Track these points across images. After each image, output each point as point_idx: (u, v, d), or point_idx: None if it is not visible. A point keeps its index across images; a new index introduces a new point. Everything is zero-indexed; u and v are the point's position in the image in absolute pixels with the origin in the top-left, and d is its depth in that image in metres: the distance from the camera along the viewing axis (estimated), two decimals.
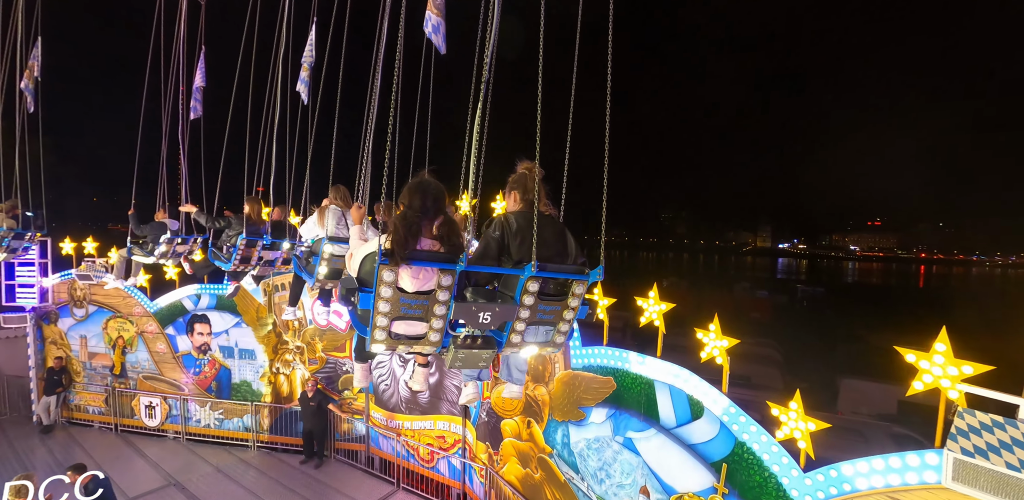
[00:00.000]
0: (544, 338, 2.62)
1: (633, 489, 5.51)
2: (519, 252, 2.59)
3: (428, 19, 6.54)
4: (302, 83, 7.82)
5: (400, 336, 2.38)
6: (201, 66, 8.58)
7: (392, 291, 2.23)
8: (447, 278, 2.27)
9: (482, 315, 2.35)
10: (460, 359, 2.43)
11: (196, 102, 8.67)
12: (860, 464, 3.72)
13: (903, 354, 3.42)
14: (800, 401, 4.04)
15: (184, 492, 9.04)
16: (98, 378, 11.40)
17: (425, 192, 2.54)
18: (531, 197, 2.80)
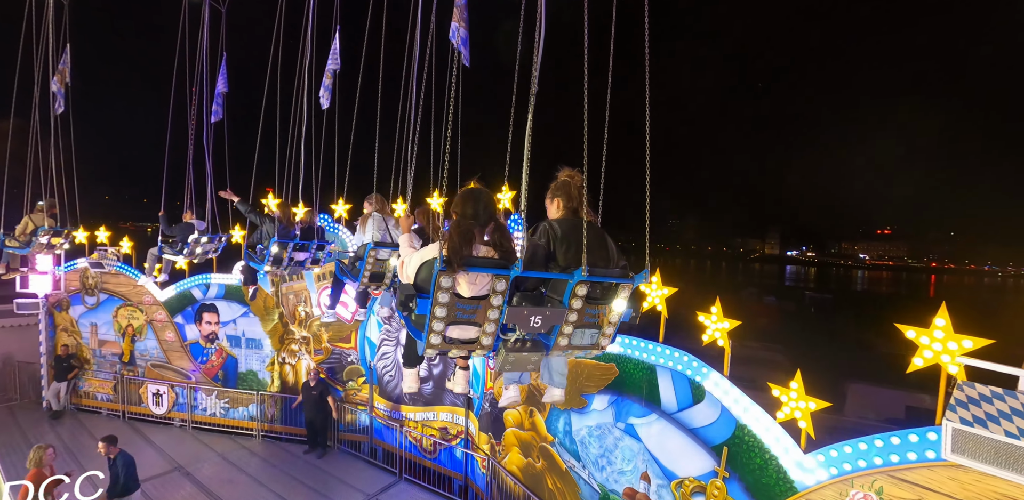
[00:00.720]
0: (590, 341, 2.68)
1: (634, 475, 5.52)
2: (565, 258, 2.66)
3: (455, 30, 6.68)
4: (324, 89, 8.10)
5: (454, 340, 2.45)
6: (223, 72, 8.87)
7: (449, 296, 2.30)
8: (501, 283, 2.34)
9: (533, 319, 2.42)
10: (510, 362, 2.51)
11: (218, 106, 8.98)
12: (860, 444, 3.72)
13: (903, 330, 3.43)
14: (800, 381, 4.06)
15: (189, 478, 9.13)
16: (107, 365, 11.54)
17: (476, 200, 2.65)
18: (574, 204, 2.89)
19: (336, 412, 9.82)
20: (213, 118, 8.98)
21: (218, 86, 8.96)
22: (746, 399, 4.45)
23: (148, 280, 9.57)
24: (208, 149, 8.71)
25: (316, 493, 8.74)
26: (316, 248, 6.79)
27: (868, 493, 3.68)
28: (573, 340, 2.59)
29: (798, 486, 4.07)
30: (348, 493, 8.76)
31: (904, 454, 3.50)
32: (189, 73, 8.75)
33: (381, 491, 8.88)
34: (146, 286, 10.95)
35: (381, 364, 9.82)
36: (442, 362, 9.02)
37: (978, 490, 3.22)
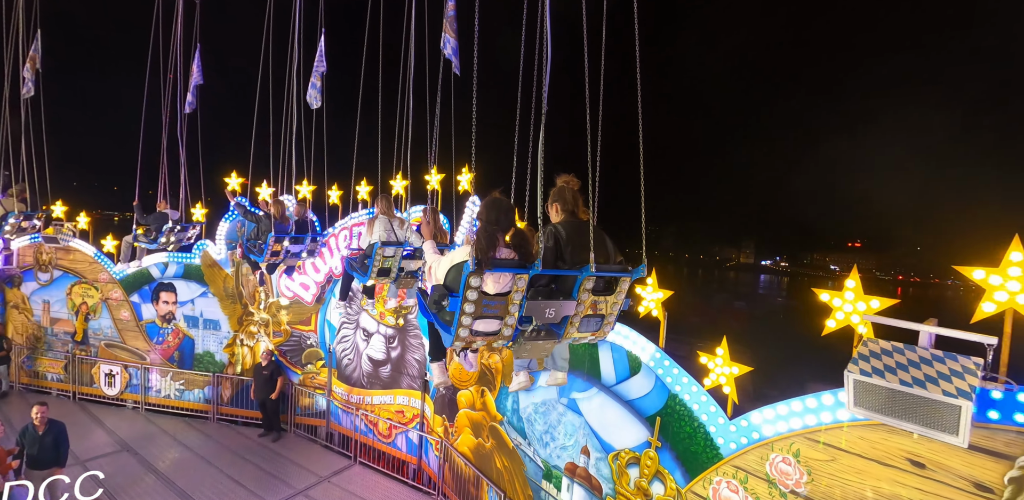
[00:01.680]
0: (594, 328, 2.99)
1: (575, 450, 5.58)
2: (571, 256, 2.93)
3: (447, 41, 6.83)
4: (313, 89, 8.26)
5: (480, 333, 2.73)
6: (197, 63, 8.87)
7: (477, 294, 2.58)
8: (522, 281, 2.64)
9: (548, 311, 2.75)
10: (527, 349, 2.85)
11: (192, 97, 9.04)
12: (780, 407, 3.82)
13: (818, 294, 3.55)
14: (726, 347, 4.15)
15: (136, 457, 8.97)
16: (59, 344, 11.26)
17: (499, 209, 3.00)
18: (570, 207, 3.19)
19: (277, 392, 9.62)
20: (187, 109, 9.06)
21: (193, 78, 8.98)
22: (678, 368, 4.53)
23: (122, 266, 9.64)
24: (182, 139, 8.84)
25: (267, 474, 8.65)
26: (310, 240, 7.37)
27: (786, 456, 3.78)
28: (580, 328, 2.90)
29: (723, 452, 4.16)
30: (301, 475, 8.68)
31: (819, 416, 3.61)
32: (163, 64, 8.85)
33: (334, 474, 8.81)
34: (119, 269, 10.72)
35: (340, 347, 9.76)
36: (400, 344, 9.01)
37: (885, 448, 3.33)
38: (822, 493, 3.58)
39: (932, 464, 3.11)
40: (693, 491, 4.37)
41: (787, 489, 3.76)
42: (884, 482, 3.29)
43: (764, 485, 3.90)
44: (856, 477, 3.42)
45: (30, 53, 9.56)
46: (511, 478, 6.56)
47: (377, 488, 8.46)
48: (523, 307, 2.70)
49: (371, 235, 5.90)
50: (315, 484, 8.45)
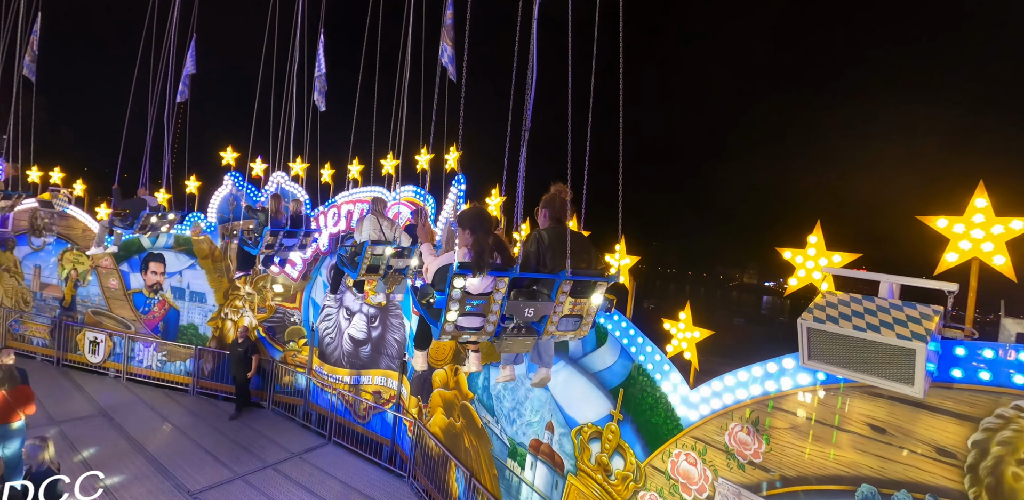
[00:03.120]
0: (574, 327, 3.16)
1: (540, 426, 5.41)
2: (553, 261, 3.05)
3: (444, 50, 6.86)
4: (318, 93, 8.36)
5: (464, 328, 2.92)
6: (191, 53, 8.95)
7: (461, 294, 2.76)
8: (503, 283, 2.81)
9: (528, 310, 2.92)
10: (509, 344, 2.99)
11: (184, 86, 9.08)
12: (740, 373, 3.65)
13: (781, 253, 3.39)
14: (689, 312, 3.99)
15: (111, 422, 8.89)
16: (47, 310, 11.27)
17: (484, 218, 3.19)
18: (559, 215, 3.33)
19: (254, 370, 9.53)
20: (179, 98, 9.09)
21: (186, 67, 9.05)
22: (643, 337, 4.36)
23: (96, 250, 9.36)
24: (169, 128, 8.75)
25: (240, 447, 8.53)
26: (303, 234, 7.57)
27: (746, 425, 3.60)
28: (560, 327, 3.07)
29: (683, 423, 3.98)
30: (273, 450, 8.55)
31: (779, 381, 3.43)
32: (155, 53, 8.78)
33: (306, 451, 8.68)
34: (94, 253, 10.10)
35: (323, 326, 9.65)
36: (381, 324, 8.89)
37: (845, 413, 3.14)
38: (780, 462, 3.39)
39: (893, 429, 2.92)
40: (652, 465, 4.19)
41: (745, 460, 3.57)
42: (844, 449, 3.10)
43: (722, 456, 3.71)
44: (815, 444, 3.23)
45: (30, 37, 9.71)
46: (478, 457, 6.38)
47: (347, 467, 8.31)
48: (504, 306, 2.87)
49: (361, 234, 6.15)
50: (286, 459, 8.31)
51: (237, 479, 7.57)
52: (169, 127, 8.71)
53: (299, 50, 7.90)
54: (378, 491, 7.67)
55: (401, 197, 8.18)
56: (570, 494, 4.97)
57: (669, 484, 4.04)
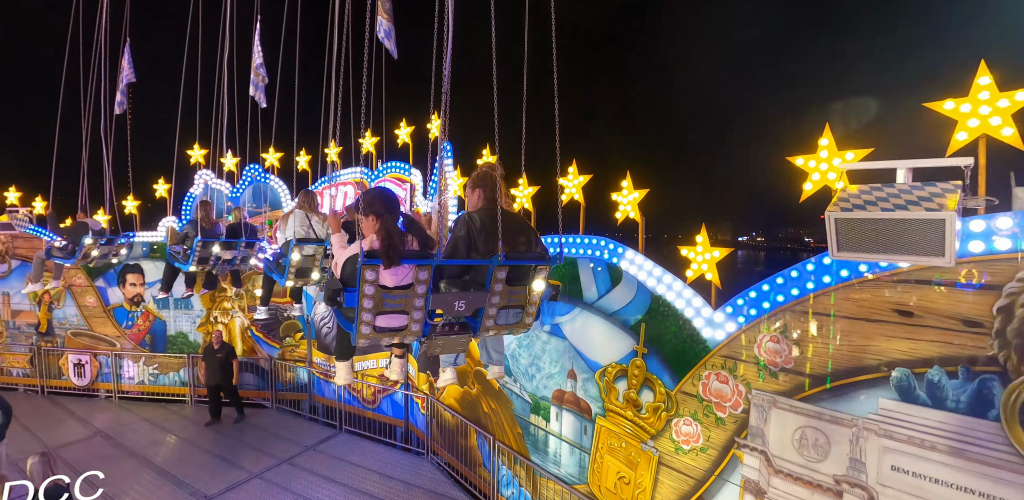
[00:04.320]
0: (515, 320, 2.86)
1: (561, 376, 5.45)
2: (486, 246, 2.78)
3: (380, 24, 6.61)
4: (254, 87, 7.86)
5: (384, 329, 2.53)
6: (127, 60, 8.27)
7: (375, 288, 2.40)
8: (424, 272, 2.46)
9: (457, 303, 2.58)
10: (440, 345, 2.67)
11: (122, 96, 8.37)
12: (763, 285, 3.73)
13: (793, 162, 3.46)
14: (705, 234, 4.06)
15: (110, 441, 8.61)
16: (22, 338, 10.79)
17: (388, 198, 2.88)
18: (494, 195, 2.98)
19: (237, 377, 9.16)
20: (118, 109, 8.32)
21: (123, 75, 8.30)
22: (659, 269, 4.41)
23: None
24: (107, 142, 7.89)
25: (251, 448, 8.38)
26: (245, 246, 6.62)
27: (774, 334, 3.69)
28: (499, 320, 2.75)
29: (711, 344, 4.06)
30: (285, 446, 8.43)
31: (803, 285, 3.52)
32: (84, 61, 7.96)
33: (319, 443, 8.58)
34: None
35: (318, 316, 9.51)
36: None
37: (871, 305, 3.25)
38: (812, 363, 3.49)
39: (919, 310, 3.04)
40: (682, 391, 4.27)
41: (777, 368, 3.67)
42: (874, 339, 3.21)
43: (754, 369, 3.80)
44: (845, 339, 3.34)
45: None
46: (498, 420, 6.41)
47: (363, 452, 8.26)
48: (428, 301, 2.51)
49: (285, 231, 5.33)
50: (300, 453, 8.21)
51: (254, 478, 7.45)
52: (108, 141, 7.86)
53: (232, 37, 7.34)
54: (397, 470, 7.66)
55: (386, 174, 8.06)
56: (600, 436, 5.04)
57: (702, 406, 4.13)
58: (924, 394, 3.01)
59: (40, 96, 10.29)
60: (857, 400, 3.29)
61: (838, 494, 3.39)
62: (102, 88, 7.96)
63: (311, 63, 7.51)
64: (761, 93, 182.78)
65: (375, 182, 8.37)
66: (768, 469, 3.75)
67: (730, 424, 3.96)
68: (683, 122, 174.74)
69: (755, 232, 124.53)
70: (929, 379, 2.98)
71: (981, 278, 2.82)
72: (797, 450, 3.58)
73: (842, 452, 3.36)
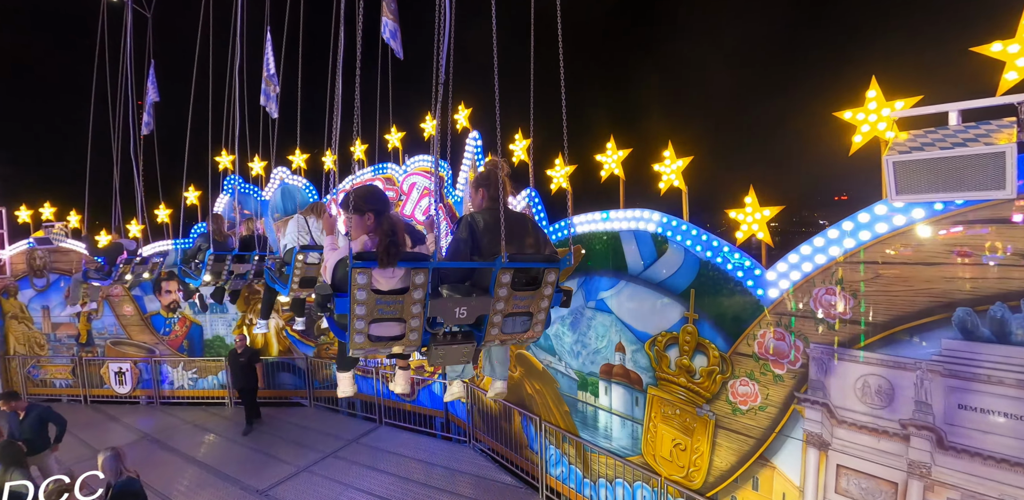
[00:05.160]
0: (522, 328, 2.63)
1: (608, 350, 5.55)
2: (490, 248, 2.64)
3: (385, 25, 6.75)
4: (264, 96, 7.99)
5: (380, 338, 2.35)
6: (152, 80, 8.52)
7: (367, 293, 2.21)
8: (420, 276, 2.26)
9: (458, 310, 2.37)
10: (440, 356, 2.47)
11: (149, 117, 8.62)
12: (816, 240, 3.82)
13: (840, 117, 3.55)
14: (754, 194, 4.15)
15: (157, 443, 8.79)
16: (63, 349, 11.03)
17: (383, 196, 2.71)
18: (498, 193, 2.81)
19: (262, 381, 9.14)
20: (145, 130, 8.58)
21: (148, 95, 8.55)
22: (706, 235, 4.51)
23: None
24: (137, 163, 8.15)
25: (294, 444, 8.53)
26: (258, 259, 6.33)
27: (829, 287, 3.78)
28: (504, 329, 2.54)
29: (765, 303, 4.15)
30: (328, 441, 8.57)
31: (857, 236, 3.61)
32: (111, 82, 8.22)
33: (361, 436, 8.71)
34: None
35: None
36: None
37: (929, 247, 3.33)
38: (871, 311, 3.58)
39: (978, 249, 3.12)
40: (737, 352, 4.36)
41: (834, 319, 3.76)
42: (934, 281, 3.29)
43: (811, 323, 3.89)
44: (904, 286, 3.42)
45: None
46: (543, 400, 6.50)
47: (405, 443, 8.39)
48: (427, 307, 2.33)
49: (283, 237, 5.09)
50: (343, 446, 8.35)
51: (302, 472, 7.58)
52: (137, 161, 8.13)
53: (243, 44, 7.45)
54: (441, 458, 7.78)
55: (413, 168, 8.21)
56: (653, 405, 5.13)
57: (759, 365, 4.21)
58: (987, 331, 3.09)
59: (64, 113, 10.51)
60: (919, 344, 3.37)
61: (905, 438, 3.47)
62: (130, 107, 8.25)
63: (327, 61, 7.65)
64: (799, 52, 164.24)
65: (403, 177, 8.53)
66: (831, 421, 3.82)
67: (788, 380, 4.04)
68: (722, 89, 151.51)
69: None
70: (991, 315, 3.06)
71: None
72: (860, 399, 3.66)
73: (907, 396, 3.44)
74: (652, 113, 14.63)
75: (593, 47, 17.30)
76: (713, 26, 27.27)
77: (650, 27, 23.70)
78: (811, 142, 11.74)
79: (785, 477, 4.13)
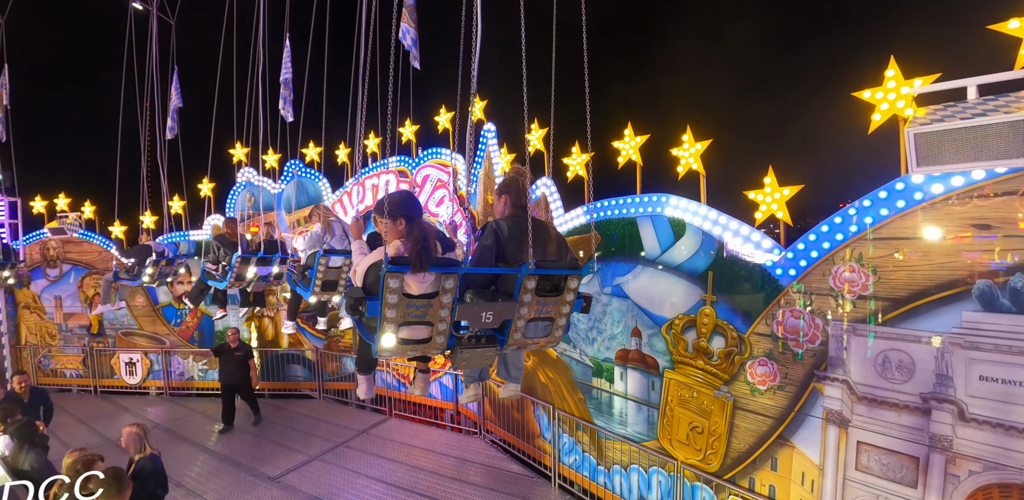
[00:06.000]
0: (543, 333, 2.70)
1: (624, 335, 5.60)
2: (514, 255, 2.71)
3: (406, 31, 6.85)
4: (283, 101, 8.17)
5: (408, 341, 2.41)
6: (176, 86, 8.77)
7: (398, 297, 2.27)
8: (449, 281, 2.33)
9: (484, 315, 2.43)
10: (465, 359, 2.53)
11: (173, 122, 8.87)
12: (835, 218, 3.88)
13: (859, 97, 3.62)
14: (773, 175, 4.22)
15: (168, 433, 8.82)
16: (75, 339, 11.09)
17: (416, 202, 2.78)
18: (522, 200, 2.91)
19: (256, 380, 8.92)
20: (169, 134, 8.81)
21: (172, 101, 8.83)
22: (724, 216, 4.58)
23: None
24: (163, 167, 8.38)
25: (305, 434, 8.56)
26: (279, 261, 6.49)
27: (849, 264, 3.84)
28: (527, 333, 2.61)
29: (783, 283, 4.20)
30: (338, 431, 8.61)
31: (877, 213, 3.68)
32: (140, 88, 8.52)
33: (371, 427, 8.74)
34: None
35: None
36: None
37: (948, 222, 3.38)
38: (891, 287, 3.63)
39: (997, 222, 3.18)
40: (755, 333, 4.41)
41: (854, 296, 3.81)
42: (953, 255, 3.35)
43: (829, 301, 3.95)
44: (923, 259, 3.48)
45: None
46: (556, 389, 6.54)
47: (415, 434, 8.42)
48: (455, 311, 2.41)
49: (307, 244, 5.38)
50: (353, 437, 8.38)
51: (313, 460, 7.62)
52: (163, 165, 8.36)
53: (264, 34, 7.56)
54: (451, 448, 7.81)
55: (428, 160, 8.31)
56: (670, 389, 5.17)
57: (778, 344, 4.26)
58: (1008, 302, 3.14)
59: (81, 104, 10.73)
60: (939, 317, 3.42)
61: (926, 412, 3.51)
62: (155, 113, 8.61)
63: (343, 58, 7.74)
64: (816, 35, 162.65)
65: (416, 169, 8.62)
66: (851, 397, 3.87)
67: (808, 359, 4.09)
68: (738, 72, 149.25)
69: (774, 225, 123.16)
70: (1012, 286, 3.12)
71: None
72: (880, 374, 3.71)
73: (927, 370, 3.49)
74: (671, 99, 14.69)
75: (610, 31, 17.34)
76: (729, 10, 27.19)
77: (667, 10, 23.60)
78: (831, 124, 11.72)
79: (805, 456, 4.16)
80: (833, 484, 3.99)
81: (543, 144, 6.35)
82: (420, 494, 6.49)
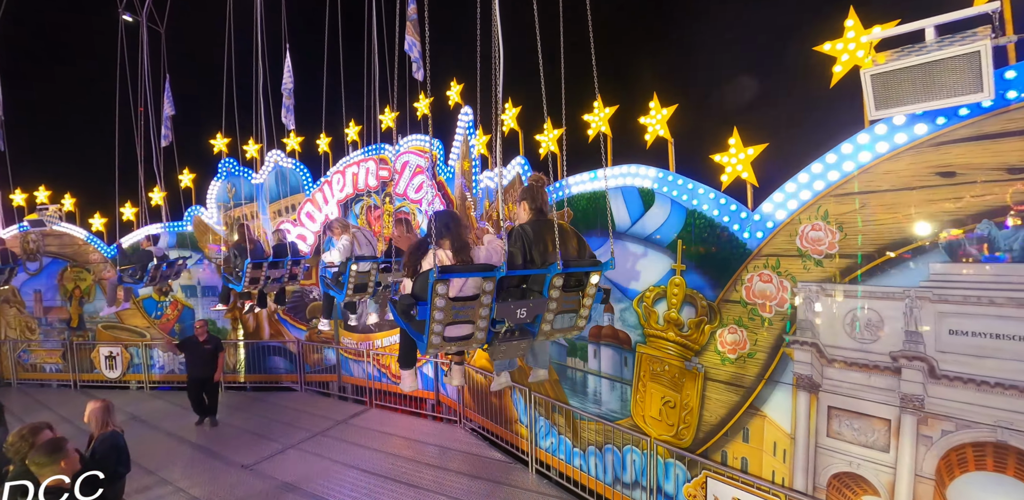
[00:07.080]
0: (569, 323, 3.04)
1: (596, 313, 5.47)
2: (541, 256, 2.98)
3: (411, 45, 6.84)
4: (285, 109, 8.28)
5: (452, 339, 2.76)
6: (167, 94, 8.92)
7: (445, 301, 2.57)
8: (489, 284, 2.65)
9: (519, 311, 2.75)
10: (503, 350, 2.90)
11: (167, 130, 9.04)
12: (800, 176, 3.78)
13: (820, 50, 3.52)
14: (737, 135, 4.10)
15: (146, 426, 8.67)
16: (54, 334, 10.95)
17: (454, 220, 3.10)
18: (539, 205, 3.23)
19: (220, 373, 8.44)
20: (163, 142, 8.96)
21: (165, 109, 8.98)
22: (691, 182, 4.46)
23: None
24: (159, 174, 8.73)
25: (284, 424, 8.43)
26: (291, 264, 7.01)
27: (815, 222, 3.72)
28: (555, 325, 2.92)
29: (751, 246, 4.08)
30: (318, 421, 8.47)
31: (841, 167, 3.57)
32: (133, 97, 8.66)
33: (351, 417, 8.61)
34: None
35: None
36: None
37: (911, 172, 3.28)
38: (858, 243, 3.52)
39: (961, 168, 3.07)
40: (724, 299, 4.29)
41: (821, 256, 3.69)
42: (918, 205, 3.24)
43: (797, 262, 3.83)
44: (888, 213, 3.37)
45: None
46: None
47: (395, 423, 8.29)
48: (493, 310, 2.71)
49: (341, 257, 5.70)
50: (332, 426, 8.24)
51: (289, 448, 7.49)
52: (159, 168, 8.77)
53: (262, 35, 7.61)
54: (431, 437, 7.69)
55: (408, 146, 8.22)
56: (642, 364, 5.04)
57: (747, 310, 4.14)
58: (975, 250, 3.03)
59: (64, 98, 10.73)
60: (906, 271, 3.30)
61: (896, 371, 3.38)
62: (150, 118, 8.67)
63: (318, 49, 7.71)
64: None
65: (396, 156, 8.53)
66: (820, 361, 3.74)
67: (777, 323, 3.97)
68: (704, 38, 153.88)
69: None
70: (979, 234, 3.01)
71: None
72: (849, 335, 3.59)
73: (896, 327, 3.36)
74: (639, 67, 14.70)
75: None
76: None
77: None
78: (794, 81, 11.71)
79: (776, 425, 4.03)
80: (805, 452, 3.86)
81: (516, 123, 6.25)
82: (396, 480, 6.35)
